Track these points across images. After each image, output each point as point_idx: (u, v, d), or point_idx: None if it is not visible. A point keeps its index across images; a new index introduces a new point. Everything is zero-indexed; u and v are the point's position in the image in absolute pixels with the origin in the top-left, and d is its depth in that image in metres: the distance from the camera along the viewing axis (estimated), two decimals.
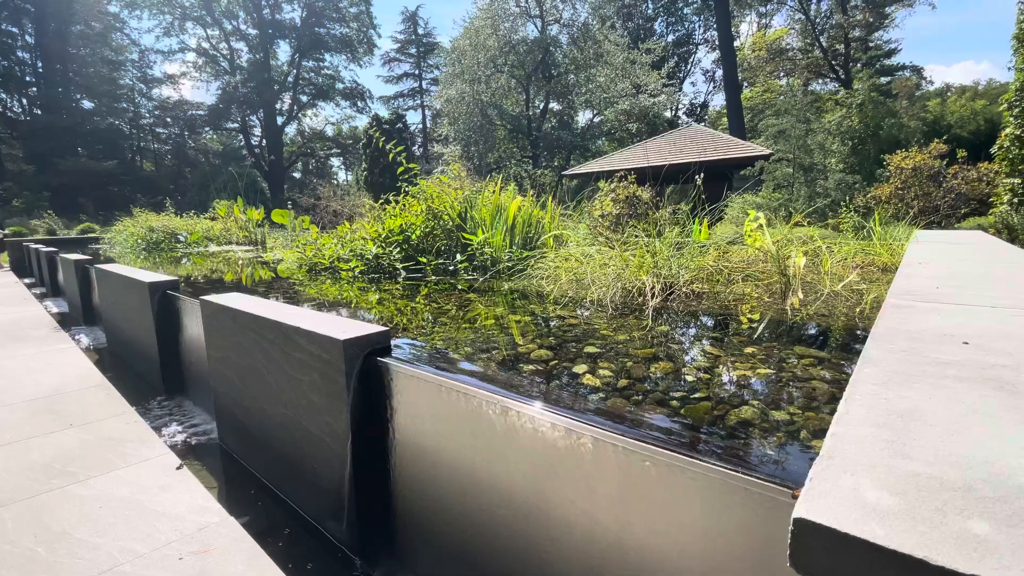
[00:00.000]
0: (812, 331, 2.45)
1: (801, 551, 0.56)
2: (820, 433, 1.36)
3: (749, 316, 2.76)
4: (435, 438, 1.90)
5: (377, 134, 6.72)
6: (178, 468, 2.57)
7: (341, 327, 2.21)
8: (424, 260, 4.75)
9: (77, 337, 6.56)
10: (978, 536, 0.50)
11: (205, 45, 42.05)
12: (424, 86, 47.43)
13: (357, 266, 4.90)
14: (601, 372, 1.85)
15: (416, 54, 47.26)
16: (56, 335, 5.63)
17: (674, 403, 1.57)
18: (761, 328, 2.49)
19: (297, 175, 48.41)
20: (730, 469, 1.10)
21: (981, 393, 0.87)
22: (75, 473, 2.53)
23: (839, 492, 0.59)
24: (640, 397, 1.62)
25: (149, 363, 4.39)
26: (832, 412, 1.51)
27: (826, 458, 0.71)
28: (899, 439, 0.72)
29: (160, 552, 1.92)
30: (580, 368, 1.90)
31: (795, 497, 1.03)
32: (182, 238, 10.65)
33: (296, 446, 2.46)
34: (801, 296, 3.29)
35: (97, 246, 12.80)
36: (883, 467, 0.65)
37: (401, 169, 5.32)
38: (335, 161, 51.62)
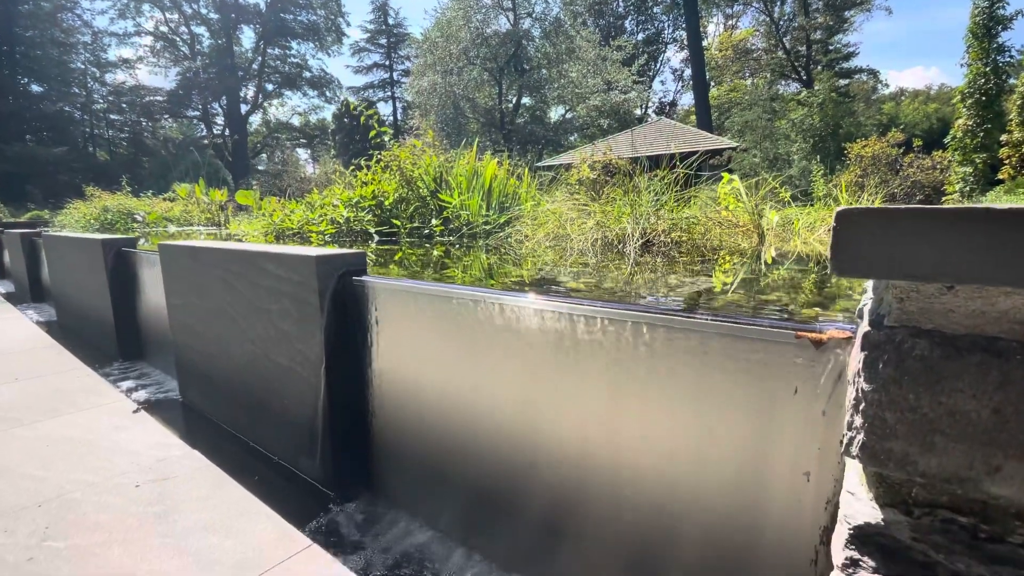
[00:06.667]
0: (793, 263, 2.47)
1: (843, 247, 0.52)
2: (809, 306, 1.35)
3: (730, 260, 2.77)
4: (416, 356, 1.81)
5: (350, 103, 6.52)
6: (135, 412, 2.41)
7: (312, 250, 2.10)
8: (398, 223, 4.63)
9: (25, 313, 6.14)
10: None
11: (163, 29, 40.25)
12: (395, 77, 46.64)
13: (328, 230, 4.73)
14: (585, 280, 1.80)
15: (386, 44, 46.40)
16: (2, 306, 5.27)
17: (661, 293, 1.54)
18: (743, 268, 2.50)
19: (262, 167, 46.90)
20: (731, 321, 1.07)
21: None
22: (19, 418, 2.34)
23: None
24: (625, 294, 1.59)
25: (104, 329, 4.13)
26: (820, 304, 1.50)
27: None
28: None
29: (114, 482, 1.78)
30: (564, 278, 1.85)
31: (798, 338, 1.00)
32: (139, 218, 10.14)
33: (265, 384, 2.33)
34: (775, 253, 3.34)
35: (47, 229, 12.07)
36: None
37: (373, 133, 5.17)
38: (302, 153, 50.23)
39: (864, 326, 0.57)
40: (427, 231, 4.70)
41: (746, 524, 1.10)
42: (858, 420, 0.57)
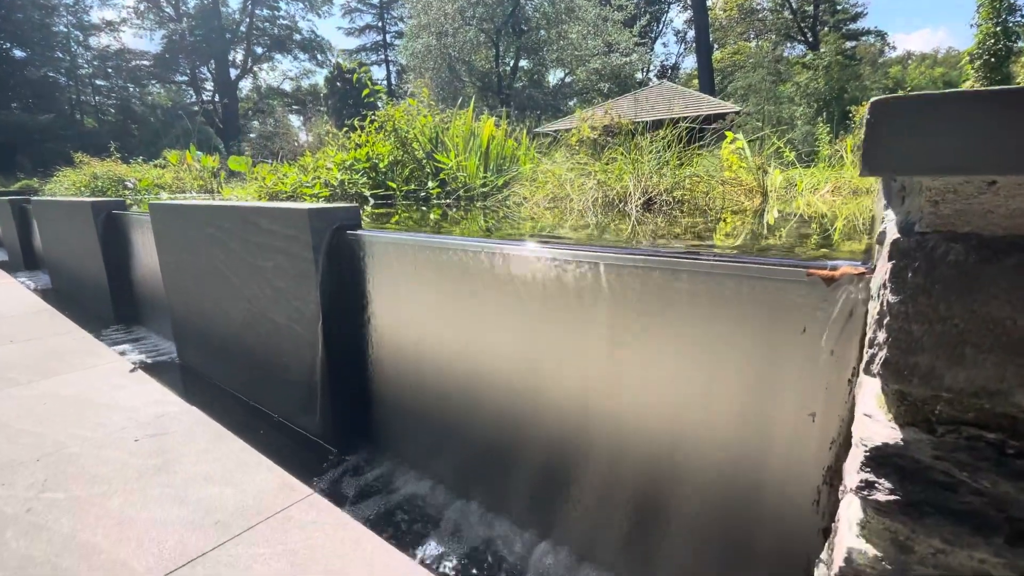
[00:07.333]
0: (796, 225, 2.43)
1: (877, 141, 0.48)
2: (816, 249, 1.31)
3: (731, 221, 2.72)
4: (414, 310, 1.78)
5: (342, 65, 6.30)
6: (132, 371, 2.40)
7: (305, 204, 2.05)
8: (393, 185, 4.54)
9: (19, 281, 6.09)
10: None
11: None
12: (388, 40, 45.16)
13: (322, 192, 4.64)
14: (583, 231, 1.76)
15: (379, 4, 44.76)
16: None
17: (661, 242, 1.50)
18: (748, 223, 2.45)
19: (253, 135, 45.94)
20: (738, 262, 1.03)
21: None
22: (15, 378, 2.33)
23: None
24: (625, 241, 1.55)
25: (99, 293, 4.09)
26: (826, 246, 1.47)
27: None
28: None
29: (113, 437, 1.78)
30: (563, 232, 1.81)
31: (809, 275, 0.97)
32: (130, 185, 9.95)
33: (262, 343, 2.31)
34: (777, 214, 3.29)
35: (37, 198, 11.89)
36: None
37: (366, 92, 5.02)
38: (295, 120, 49.12)
39: (892, 234, 0.53)
40: (423, 194, 4.61)
41: (750, 466, 1.09)
42: (881, 336, 0.54)
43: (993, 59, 12.45)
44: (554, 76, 34.96)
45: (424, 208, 4.09)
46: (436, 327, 1.71)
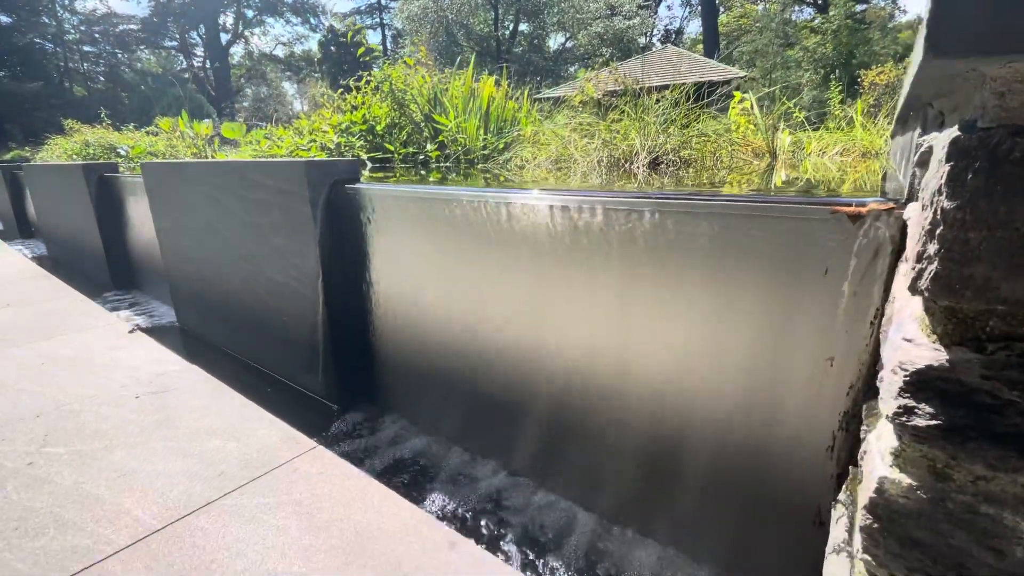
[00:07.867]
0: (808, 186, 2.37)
1: (947, 17, 0.43)
2: (837, 186, 1.26)
3: (740, 180, 2.65)
4: (415, 265, 1.74)
5: (336, 29, 6.08)
6: (130, 332, 2.37)
7: (301, 158, 1.98)
8: (391, 148, 4.43)
9: (15, 249, 6.02)
10: None
11: None
12: (383, 2, 43.65)
13: (318, 156, 4.53)
14: (591, 182, 1.71)
15: None
16: None
17: (670, 188, 1.45)
18: (758, 178, 2.39)
19: (247, 103, 44.89)
20: (757, 202, 0.99)
21: None
22: (13, 340, 2.30)
23: None
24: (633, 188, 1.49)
25: (94, 258, 4.04)
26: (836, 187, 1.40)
27: None
28: None
29: (113, 394, 1.76)
30: (571, 182, 1.75)
31: (834, 212, 0.92)
32: (123, 152, 9.75)
33: (262, 303, 2.28)
34: (784, 177, 3.21)
35: (29, 164, 11.68)
36: None
37: (361, 51, 4.84)
38: (289, 89, 47.95)
39: (949, 135, 0.49)
40: (422, 157, 4.51)
41: (762, 415, 1.07)
42: (932, 248, 0.50)
43: None
44: (555, 41, 33.99)
45: (423, 172, 4.00)
46: (438, 281, 1.67)
